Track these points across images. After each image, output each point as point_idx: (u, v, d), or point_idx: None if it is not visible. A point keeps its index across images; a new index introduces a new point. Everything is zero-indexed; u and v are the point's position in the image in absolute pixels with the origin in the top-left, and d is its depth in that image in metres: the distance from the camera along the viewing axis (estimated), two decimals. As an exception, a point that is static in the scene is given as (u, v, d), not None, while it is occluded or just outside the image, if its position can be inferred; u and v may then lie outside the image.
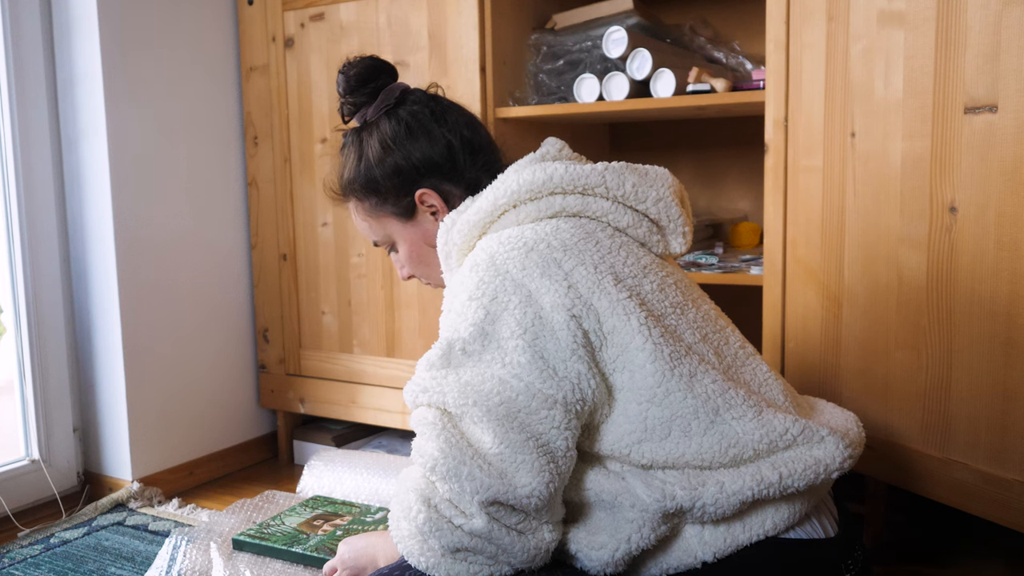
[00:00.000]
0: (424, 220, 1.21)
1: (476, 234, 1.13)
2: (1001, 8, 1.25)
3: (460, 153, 1.19)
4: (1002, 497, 1.31)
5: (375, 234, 1.25)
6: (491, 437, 0.97)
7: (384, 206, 1.21)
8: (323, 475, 1.93)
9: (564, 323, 1.00)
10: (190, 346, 2.10)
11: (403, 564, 1.03)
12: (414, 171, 1.18)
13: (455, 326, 1.04)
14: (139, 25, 1.96)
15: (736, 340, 1.10)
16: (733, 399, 1.00)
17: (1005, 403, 1.30)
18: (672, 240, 1.15)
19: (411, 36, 1.94)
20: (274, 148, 2.16)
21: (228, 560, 1.57)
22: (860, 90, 1.45)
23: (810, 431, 1.01)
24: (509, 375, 0.99)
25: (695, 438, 0.99)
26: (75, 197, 1.96)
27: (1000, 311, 1.29)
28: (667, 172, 1.16)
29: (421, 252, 1.23)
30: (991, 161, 1.28)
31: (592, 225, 1.10)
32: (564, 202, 1.10)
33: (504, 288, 1.02)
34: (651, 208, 1.13)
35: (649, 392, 1.00)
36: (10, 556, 1.69)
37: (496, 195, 1.11)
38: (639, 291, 1.05)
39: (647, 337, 1.00)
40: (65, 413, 2.00)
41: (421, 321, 2.01)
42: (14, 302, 1.92)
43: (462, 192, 1.19)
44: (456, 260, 1.16)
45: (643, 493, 0.99)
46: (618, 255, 1.07)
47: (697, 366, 1.01)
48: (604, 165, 1.12)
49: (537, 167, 1.12)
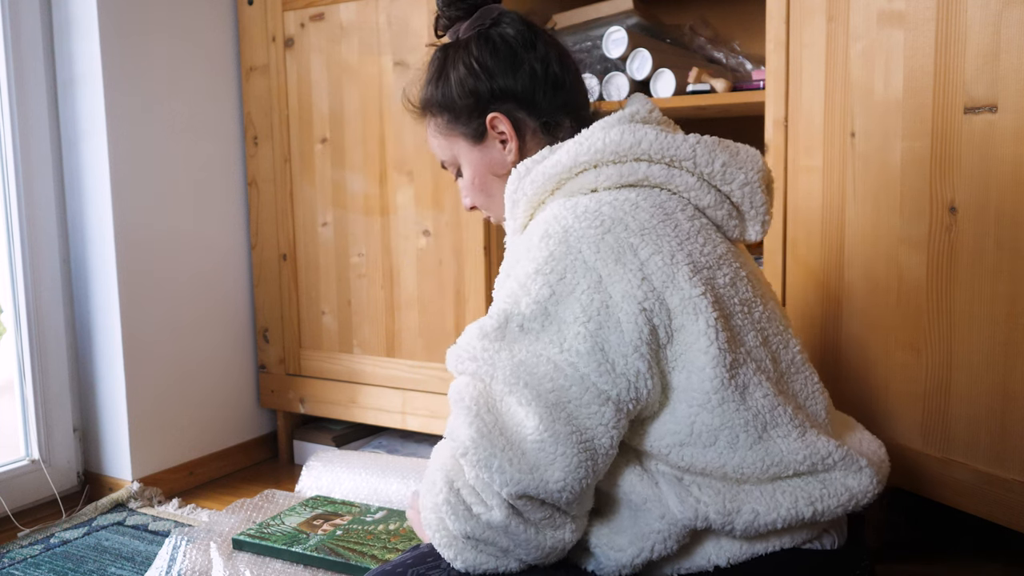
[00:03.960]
0: (492, 147, 1.16)
1: (550, 188, 1.08)
2: (1001, 8, 1.25)
3: (543, 85, 1.13)
4: (1002, 497, 1.31)
5: (443, 153, 1.21)
6: (535, 423, 0.93)
7: (456, 125, 1.16)
8: (322, 475, 1.93)
9: (632, 316, 0.96)
10: (190, 346, 2.10)
11: (405, 561, 1.03)
12: (491, 94, 1.13)
13: (516, 298, 0.99)
14: (139, 25, 1.96)
15: (795, 344, 1.07)
16: (781, 417, 0.98)
17: (1005, 403, 1.30)
18: (750, 227, 1.11)
19: (411, 36, 1.94)
20: (274, 148, 2.16)
21: (228, 560, 1.57)
22: (860, 90, 1.45)
23: (850, 459, 1.00)
24: (565, 362, 0.95)
25: (739, 451, 0.97)
26: (75, 197, 1.96)
27: (1000, 311, 1.29)
28: (758, 154, 1.11)
29: (485, 180, 1.18)
30: (991, 161, 1.28)
31: (673, 203, 1.05)
32: (648, 171, 1.05)
33: (574, 268, 0.98)
34: (736, 191, 1.08)
35: (703, 397, 0.97)
36: (10, 556, 1.69)
37: (579, 151, 1.06)
38: (713, 284, 1.00)
39: (712, 340, 0.97)
40: (65, 413, 2.00)
41: (421, 321, 2.01)
42: (14, 302, 1.92)
43: (536, 127, 1.14)
44: (523, 210, 1.11)
45: (675, 507, 0.96)
46: (696, 241, 1.02)
47: (752, 376, 0.99)
48: (696, 138, 1.07)
49: (626, 128, 1.06)
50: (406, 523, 1.68)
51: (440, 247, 1.96)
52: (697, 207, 1.07)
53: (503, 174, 1.17)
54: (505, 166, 1.16)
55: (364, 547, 1.58)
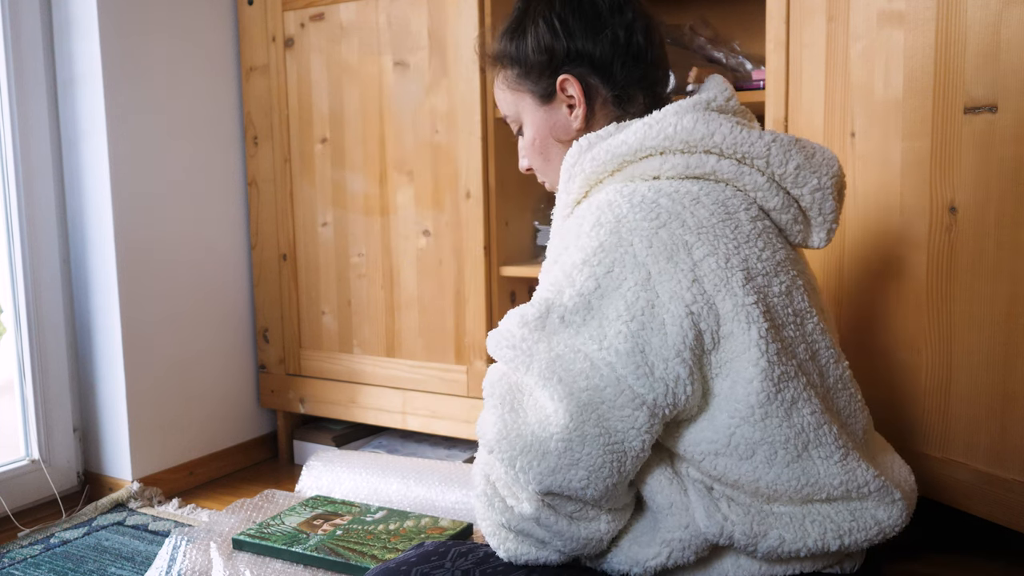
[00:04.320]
0: (559, 110, 1.11)
1: (610, 169, 1.03)
2: (1001, 8, 1.25)
3: (623, 55, 1.07)
4: (1002, 497, 1.31)
5: (507, 108, 1.15)
6: (564, 420, 0.91)
7: (525, 81, 1.11)
8: (322, 475, 1.93)
9: (678, 319, 0.92)
10: (190, 346, 2.10)
11: (409, 559, 1.02)
12: (566, 55, 1.07)
13: (560, 287, 0.96)
14: (139, 25, 1.96)
15: (844, 359, 1.04)
16: (824, 436, 0.95)
17: (1005, 403, 1.30)
18: (815, 233, 1.06)
19: (411, 36, 1.94)
20: (274, 148, 2.16)
21: (228, 560, 1.57)
22: (860, 90, 1.45)
23: (885, 491, 0.97)
24: (602, 361, 0.92)
25: (776, 468, 0.93)
26: (75, 197, 1.96)
27: (1000, 311, 1.29)
28: (835, 159, 1.06)
29: (546, 143, 1.13)
30: (991, 161, 1.28)
31: (737, 201, 1.00)
32: (717, 165, 1.00)
33: (623, 262, 0.94)
34: (806, 196, 1.03)
35: (747, 410, 0.93)
36: (10, 556, 1.69)
37: (647, 134, 1.00)
38: (767, 293, 0.96)
39: (763, 352, 0.93)
40: (65, 413, 2.00)
41: (421, 321, 2.01)
42: (14, 302, 1.92)
43: (608, 97, 1.09)
44: (578, 186, 1.06)
45: (701, 520, 0.94)
46: (755, 245, 0.98)
47: (800, 392, 0.95)
48: (772, 136, 1.01)
49: (700, 117, 1.00)
50: (406, 523, 1.68)
51: (440, 247, 1.96)
52: (762, 208, 1.03)
53: (565, 140, 1.11)
54: (569, 132, 1.11)
55: (364, 547, 1.58)
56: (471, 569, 0.99)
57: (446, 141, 1.93)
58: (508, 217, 1.94)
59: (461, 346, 1.96)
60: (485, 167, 1.89)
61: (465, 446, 2.13)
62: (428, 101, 1.94)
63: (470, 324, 1.94)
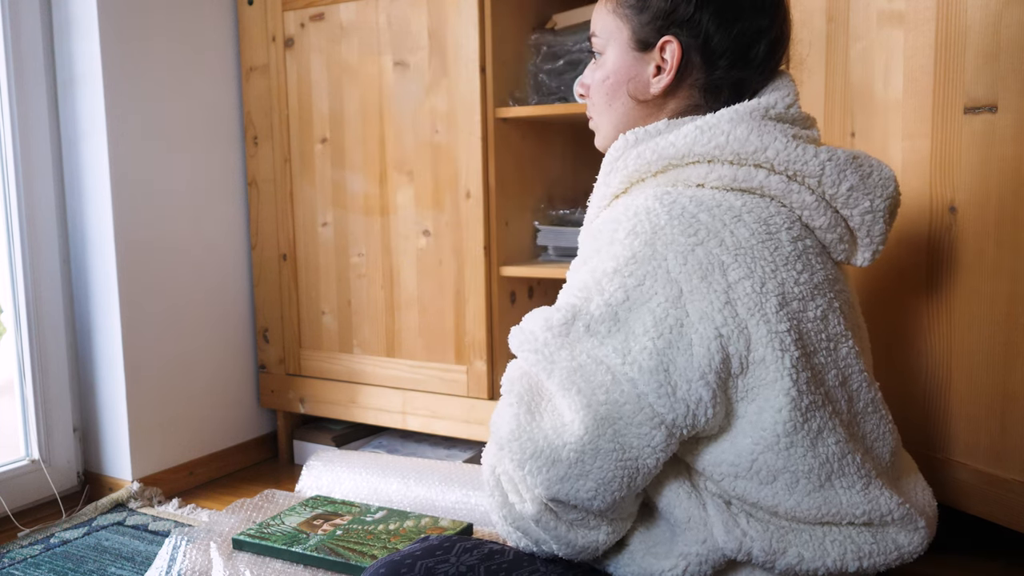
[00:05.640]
0: (647, 64, 1.03)
1: (653, 170, 0.99)
2: (1001, 8, 1.25)
3: (738, 55, 1.01)
4: (1002, 497, 1.31)
5: (601, 29, 1.07)
6: (580, 431, 0.89)
7: (633, 15, 1.03)
8: (322, 475, 1.93)
9: (705, 341, 0.90)
10: (190, 346, 2.10)
11: (414, 552, 1.02)
12: (687, 20, 1.00)
13: (588, 295, 0.94)
14: (139, 25, 1.96)
15: (876, 384, 1.02)
16: (848, 466, 0.93)
17: (1005, 403, 1.30)
18: (860, 253, 1.04)
19: (411, 36, 1.94)
20: (274, 148, 2.16)
21: (228, 560, 1.57)
22: (860, 90, 1.45)
23: (909, 519, 0.96)
24: (624, 376, 0.90)
25: (796, 495, 0.92)
26: (75, 197, 1.96)
27: (1000, 311, 1.29)
28: (892, 178, 1.02)
29: (615, 91, 1.06)
30: (991, 161, 1.28)
31: (780, 218, 0.96)
32: (766, 181, 0.96)
33: (655, 276, 0.91)
34: (855, 217, 1.00)
35: (772, 438, 0.91)
36: (10, 556, 1.69)
37: (698, 139, 0.96)
38: (801, 319, 0.94)
39: (793, 382, 0.91)
40: (65, 413, 2.00)
41: (421, 321, 2.01)
42: (14, 302, 1.92)
43: (699, 80, 1.03)
44: (618, 181, 1.02)
45: (720, 536, 0.92)
46: (793, 267, 0.95)
47: (827, 421, 0.93)
48: (829, 153, 0.97)
49: (756, 127, 0.96)
50: (406, 523, 1.68)
51: (440, 247, 1.96)
52: (807, 225, 0.99)
53: (638, 98, 1.05)
54: (646, 92, 1.05)
55: (364, 547, 1.58)
56: (476, 565, 0.98)
57: (446, 141, 1.93)
58: (508, 217, 1.94)
59: (461, 346, 1.96)
60: (485, 167, 1.89)
61: (465, 446, 2.13)
62: (428, 101, 1.94)
63: (470, 324, 1.94)
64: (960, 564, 1.56)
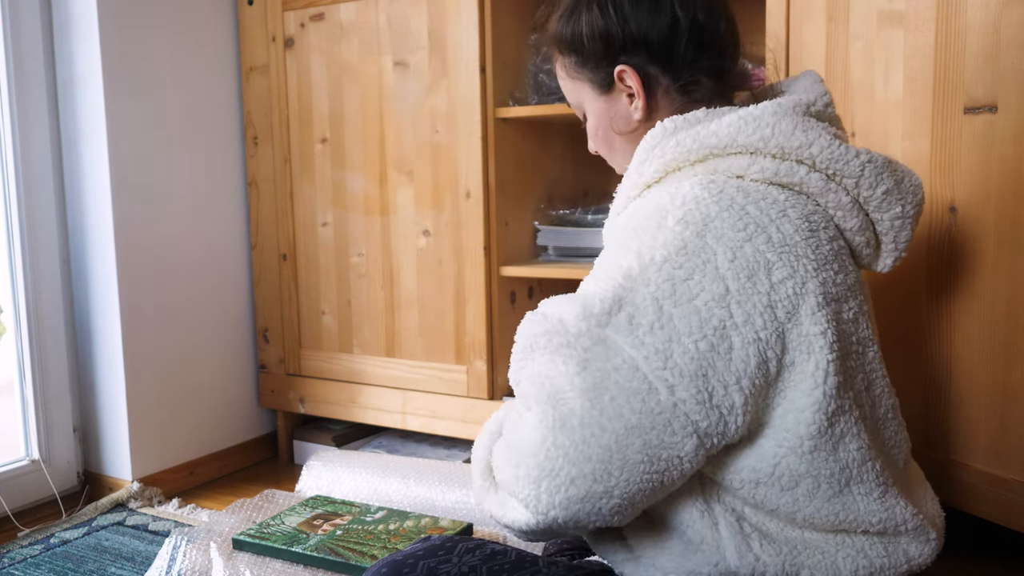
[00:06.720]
0: (619, 100, 1.05)
1: (693, 159, 0.97)
2: (1001, 8, 1.25)
3: (684, 38, 1.00)
4: (1002, 497, 1.31)
5: (570, 96, 1.11)
6: (608, 441, 0.85)
7: (583, 70, 1.06)
8: (322, 475, 1.93)
9: (745, 344, 0.87)
10: (190, 346, 2.10)
11: (416, 552, 1.01)
12: (623, 42, 1.01)
13: (633, 284, 0.89)
14: (139, 25, 1.96)
15: (894, 391, 1.01)
16: (867, 473, 0.92)
17: (1004, 403, 1.30)
18: (882, 259, 1.03)
19: (411, 36, 1.94)
20: (274, 148, 2.16)
21: (228, 560, 1.57)
22: (860, 90, 1.45)
23: (921, 530, 0.96)
24: (662, 383, 0.86)
25: (816, 501, 0.91)
26: (75, 197, 1.96)
27: (1000, 311, 1.29)
28: (920, 185, 1.01)
29: (607, 135, 1.08)
30: (991, 161, 1.28)
31: (818, 217, 0.95)
32: (807, 177, 0.94)
33: (703, 271, 0.88)
34: (885, 222, 0.99)
35: (796, 441, 0.89)
36: (10, 556, 1.69)
37: (741, 130, 0.95)
38: (838, 320, 0.92)
39: (819, 384, 0.89)
40: (65, 413, 2.00)
41: (421, 321, 2.01)
42: (14, 302, 1.92)
43: (671, 85, 1.03)
44: (653, 170, 0.99)
45: (732, 558, 0.91)
46: (831, 267, 0.93)
47: (851, 426, 0.91)
48: (868, 155, 0.96)
49: (800, 123, 0.95)
50: (406, 523, 1.68)
51: (440, 247, 1.96)
52: (838, 226, 0.98)
53: (627, 131, 1.07)
54: (630, 123, 1.06)
55: (364, 547, 1.58)
56: (478, 565, 0.98)
57: (446, 141, 1.93)
58: (508, 217, 1.94)
59: (461, 346, 1.96)
60: (485, 167, 1.89)
61: (465, 446, 2.13)
62: (428, 101, 1.94)
63: (470, 324, 1.94)
64: (960, 564, 1.56)
